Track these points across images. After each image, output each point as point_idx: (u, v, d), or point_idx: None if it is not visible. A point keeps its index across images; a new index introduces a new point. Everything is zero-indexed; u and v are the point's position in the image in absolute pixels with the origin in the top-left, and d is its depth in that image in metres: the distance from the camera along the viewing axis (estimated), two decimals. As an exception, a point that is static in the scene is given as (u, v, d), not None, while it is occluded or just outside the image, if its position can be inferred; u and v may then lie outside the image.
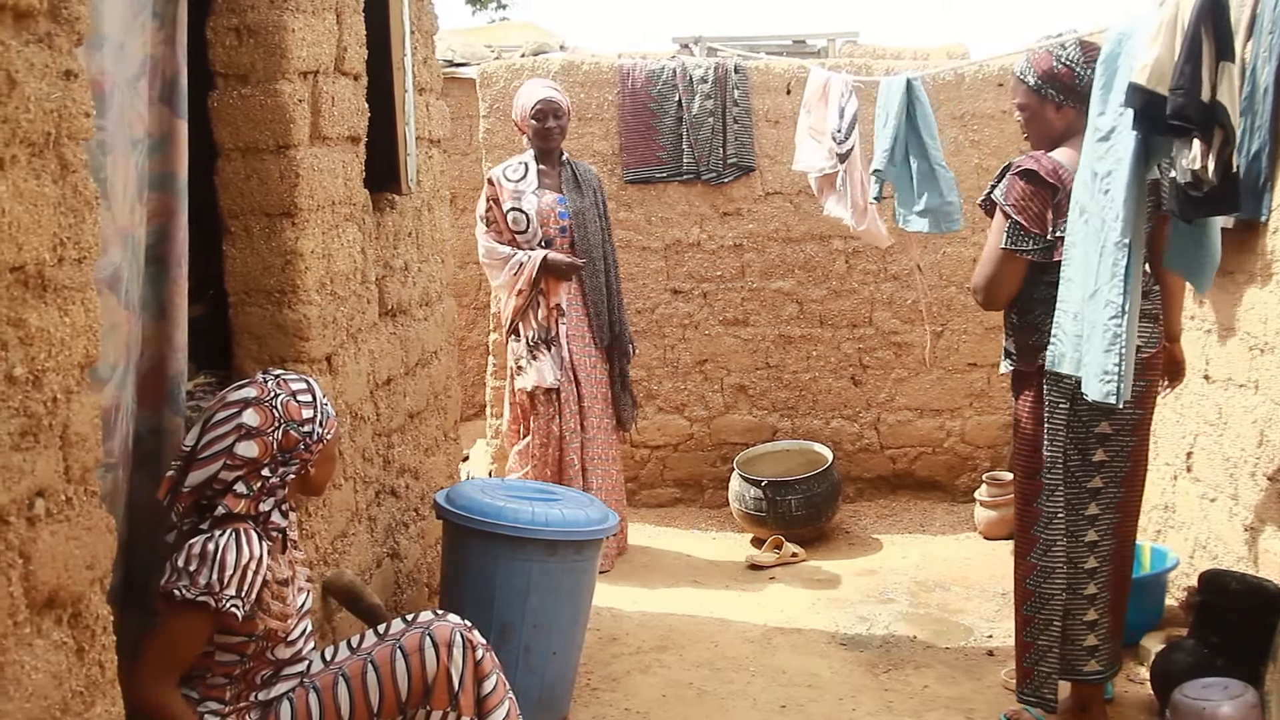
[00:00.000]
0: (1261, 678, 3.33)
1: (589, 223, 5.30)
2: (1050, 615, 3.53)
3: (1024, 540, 3.58)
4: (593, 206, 5.35)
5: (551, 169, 5.32)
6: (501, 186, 5.25)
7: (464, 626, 2.77)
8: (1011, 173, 3.50)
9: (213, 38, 2.94)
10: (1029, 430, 3.54)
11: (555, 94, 5.30)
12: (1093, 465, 3.48)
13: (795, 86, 6.08)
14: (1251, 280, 3.99)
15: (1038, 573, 3.54)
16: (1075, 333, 3.24)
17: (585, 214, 5.29)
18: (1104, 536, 3.54)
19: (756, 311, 6.30)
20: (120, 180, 2.37)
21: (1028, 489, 3.56)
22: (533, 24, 12.66)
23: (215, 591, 2.35)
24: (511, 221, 5.21)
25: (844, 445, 6.31)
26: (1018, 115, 3.63)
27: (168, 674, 2.38)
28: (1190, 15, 2.80)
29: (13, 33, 1.51)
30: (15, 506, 1.52)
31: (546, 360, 5.21)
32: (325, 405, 2.63)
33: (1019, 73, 3.57)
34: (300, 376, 2.63)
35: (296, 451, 2.53)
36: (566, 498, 3.93)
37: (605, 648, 4.45)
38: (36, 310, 1.57)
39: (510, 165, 5.34)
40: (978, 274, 3.60)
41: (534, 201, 5.20)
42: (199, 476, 2.44)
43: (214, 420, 2.48)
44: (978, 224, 6.13)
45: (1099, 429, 3.45)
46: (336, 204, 3.30)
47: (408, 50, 3.91)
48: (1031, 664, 3.58)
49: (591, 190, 5.38)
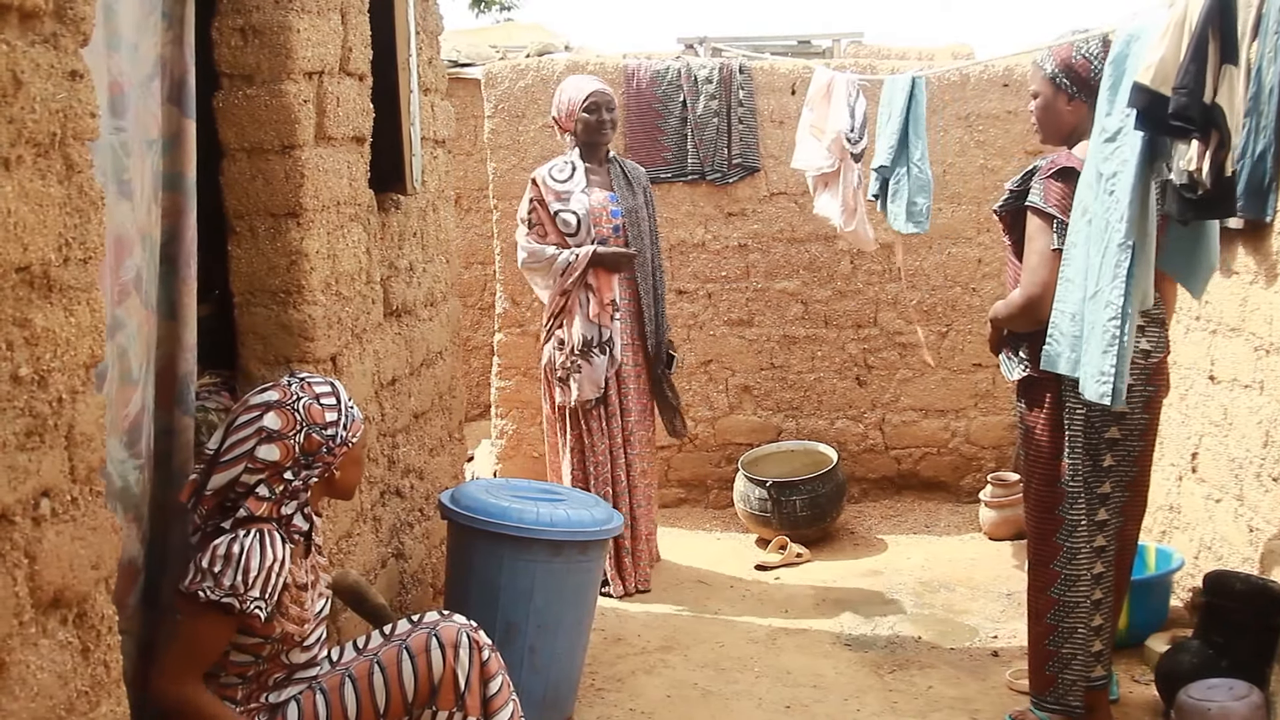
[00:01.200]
0: (1267, 678, 3.33)
1: (641, 221, 5.10)
2: (1075, 622, 3.50)
3: (1044, 548, 3.53)
4: (644, 205, 5.16)
5: (599, 166, 5.10)
6: (547, 187, 4.99)
7: (470, 627, 2.77)
8: (1044, 176, 3.41)
9: (218, 38, 2.94)
10: (1046, 436, 3.50)
11: (605, 86, 5.11)
12: (1102, 470, 3.46)
13: (800, 87, 6.07)
14: (1257, 280, 3.98)
15: (1063, 581, 3.49)
16: (1073, 333, 3.23)
17: (638, 212, 5.10)
18: (1110, 541, 3.52)
19: (761, 312, 6.30)
20: (138, 181, 2.38)
21: (1047, 496, 3.51)
22: (538, 25, 12.67)
23: (240, 593, 2.36)
24: (560, 224, 4.94)
25: (849, 446, 6.31)
26: (1031, 104, 3.59)
27: (190, 673, 2.39)
28: (1198, 16, 2.80)
29: (18, 33, 1.52)
30: (21, 506, 1.53)
31: (595, 367, 4.91)
32: (351, 408, 2.63)
33: (1039, 60, 3.55)
34: (325, 379, 2.64)
35: (319, 455, 2.53)
36: (571, 498, 3.94)
37: (610, 648, 4.45)
38: (42, 310, 1.57)
39: (555, 165, 5.07)
40: (1030, 282, 3.42)
41: (584, 201, 4.96)
42: (221, 479, 2.45)
43: (237, 423, 2.49)
44: (982, 225, 6.13)
45: (1109, 434, 3.43)
46: (341, 204, 3.30)
47: (413, 50, 3.91)
48: (1055, 672, 3.54)
49: (642, 189, 5.18)
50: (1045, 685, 3.58)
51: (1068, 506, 3.46)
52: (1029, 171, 3.52)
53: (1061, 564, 3.50)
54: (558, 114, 5.12)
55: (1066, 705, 3.53)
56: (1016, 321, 3.54)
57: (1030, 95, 3.61)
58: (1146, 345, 3.41)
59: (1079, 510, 3.45)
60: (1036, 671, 3.62)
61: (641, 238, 5.08)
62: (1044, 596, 3.56)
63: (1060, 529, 3.48)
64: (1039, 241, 3.42)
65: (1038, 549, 3.58)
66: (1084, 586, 3.49)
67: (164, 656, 2.40)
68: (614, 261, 4.94)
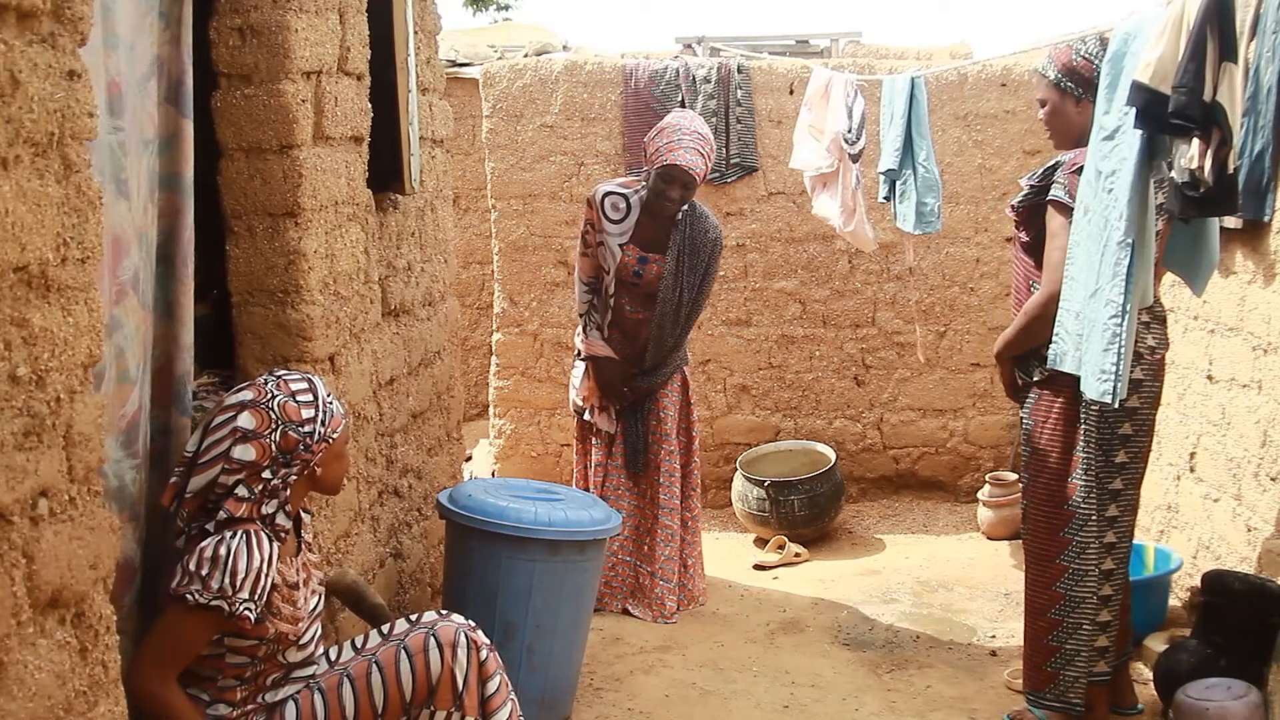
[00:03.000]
0: (1265, 678, 3.32)
1: (680, 290, 4.68)
2: (1080, 618, 3.49)
3: (1051, 544, 3.52)
4: (689, 273, 4.68)
5: (654, 223, 4.66)
6: (601, 214, 4.69)
7: (468, 627, 2.77)
8: (1068, 171, 3.38)
9: (216, 38, 2.94)
10: (1059, 432, 3.49)
11: (696, 159, 4.48)
12: (1115, 467, 3.46)
13: (798, 86, 6.08)
14: (1255, 280, 3.98)
15: (1070, 576, 3.49)
16: (1077, 331, 3.24)
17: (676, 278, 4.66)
18: (1121, 538, 3.52)
19: (759, 311, 6.30)
20: (135, 181, 2.38)
21: (1057, 492, 3.50)
22: (536, 24, 12.66)
23: (228, 595, 2.35)
24: (604, 258, 4.74)
25: (847, 445, 6.31)
26: (1040, 112, 3.60)
27: (166, 669, 2.37)
28: (1196, 14, 2.80)
29: (16, 33, 1.51)
30: (19, 506, 1.52)
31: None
32: (330, 404, 2.61)
33: (1040, 68, 3.55)
34: (303, 376, 2.62)
35: (297, 453, 2.51)
36: (569, 498, 3.94)
37: (608, 647, 4.45)
38: (40, 310, 1.57)
39: (615, 196, 4.69)
40: (1053, 279, 3.39)
41: (618, 254, 4.68)
42: (200, 482, 2.44)
43: (213, 424, 2.48)
44: (980, 225, 6.14)
45: (1122, 430, 3.43)
46: (340, 204, 3.30)
47: (411, 50, 3.91)
48: (1057, 668, 3.53)
49: (699, 255, 4.69)
50: (1045, 682, 3.57)
51: (1080, 501, 3.46)
52: (1050, 167, 3.50)
53: (1070, 559, 3.49)
54: (646, 146, 4.66)
55: (1067, 703, 3.52)
56: (1036, 327, 3.47)
57: (1038, 104, 3.61)
58: (1152, 341, 3.43)
59: (1090, 506, 3.45)
60: (1035, 668, 3.61)
61: (665, 321, 4.70)
62: (1047, 592, 3.55)
63: (1070, 523, 3.48)
64: (1062, 238, 3.38)
65: (1043, 544, 3.56)
66: (1092, 582, 3.48)
67: (140, 650, 2.38)
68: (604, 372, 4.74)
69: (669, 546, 4.81)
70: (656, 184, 4.55)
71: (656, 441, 4.84)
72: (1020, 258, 3.66)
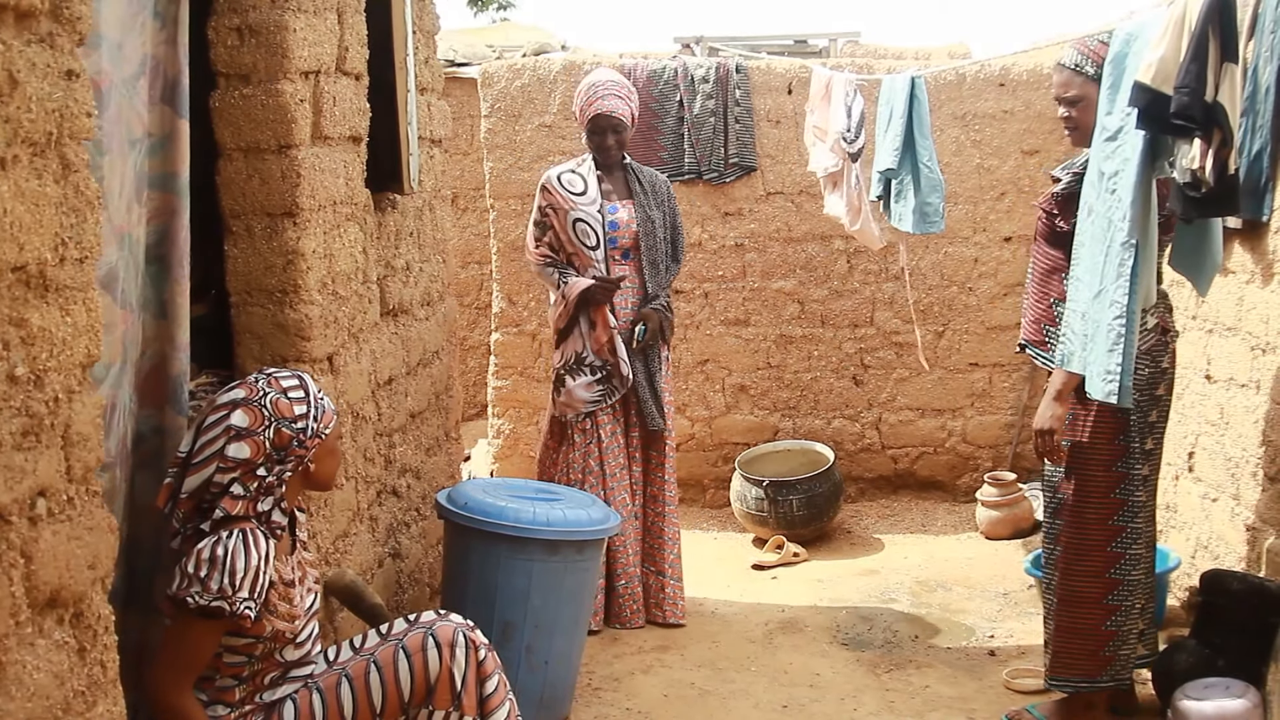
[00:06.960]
0: (1263, 678, 3.32)
1: (656, 231, 4.74)
2: (1134, 600, 3.58)
3: (1101, 532, 3.53)
4: (663, 215, 4.79)
5: (611, 175, 4.77)
6: (562, 196, 4.67)
7: (467, 626, 2.77)
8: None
9: (214, 38, 2.94)
10: (1105, 419, 3.47)
11: (616, 102, 4.65)
12: (1144, 453, 3.52)
13: (797, 86, 6.08)
14: (1253, 280, 3.99)
15: (1126, 561, 3.55)
16: (1083, 332, 3.24)
17: (653, 222, 4.73)
18: (1147, 523, 3.61)
19: (758, 311, 6.30)
20: (117, 180, 2.37)
21: (1105, 480, 3.51)
22: (535, 25, 12.67)
23: (228, 595, 2.35)
24: (579, 234, 4.65)
25: (845, 445, 6.31)
26: (1064, 110, 3.52)
27: (183, 678, 2.39)
28: (1198, 14, 2.80)
29: (14, 32, 1.51)
30: (17, 506, 1.52)
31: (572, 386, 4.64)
32: (321, 400, 2.61)
33: (1073, 65, 3.46)
34: (293, 373, 2.62)
35: (291, 449, 2.51)
36: (568, 498, 3.94)
37: (607, 647, 4.45)
38: (38, 310, 1.57)
39: (565, 173, 4.74)
40: None
41: (599, 218, 4.66)
42: (195, 481, 2.44)
43: (205, 424, 2.48)
44: (978, 224, 6.14)
45: (1150, 417, 3.51)
46: (338, 204, 3.30)
47: (409, 50, 3.91)
48: (1114, 651, 3.60)
49: (662, 199, 4.82)
50: (1102, 666, 3.60)
51: (1134, 487, 3.51)
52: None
53: (1124, 545, 3.54)
54: (574, 110, 4.84)
55: (1118, 680, 3.61)
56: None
57: (1061, 104, 3.53)
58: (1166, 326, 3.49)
59: (1140, 492, 3.52)
60: (1089, 655, 3.60)
61: (656, 248, 4.75)
62: (1100, 580, 3.56)
63: (1121, 510, 3.52)
64: None
65: (1091, 533, 3.55)
66: (1145, 565, 3.60)
67: (156, 664, 2.39)
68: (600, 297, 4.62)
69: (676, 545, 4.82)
70: (591, 139, 4.74)
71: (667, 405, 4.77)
72: (1045, 250, 3.60)
